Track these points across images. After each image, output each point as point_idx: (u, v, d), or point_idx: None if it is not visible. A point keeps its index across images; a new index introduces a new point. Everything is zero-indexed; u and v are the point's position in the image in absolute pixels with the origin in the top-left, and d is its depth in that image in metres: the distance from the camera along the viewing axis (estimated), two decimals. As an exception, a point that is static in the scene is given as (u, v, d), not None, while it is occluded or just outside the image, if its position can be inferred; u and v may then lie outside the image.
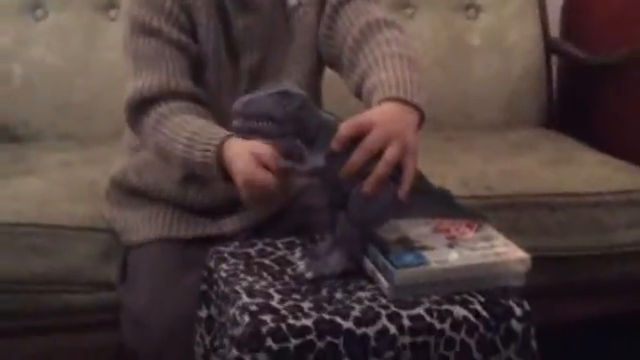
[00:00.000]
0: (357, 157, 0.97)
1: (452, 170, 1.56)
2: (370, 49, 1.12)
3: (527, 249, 1.05)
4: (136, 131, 1.19)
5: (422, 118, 1.05)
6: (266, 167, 1.02)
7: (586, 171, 1.62)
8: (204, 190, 1.24)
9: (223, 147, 1.07)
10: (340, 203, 1.02)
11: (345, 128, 0.98)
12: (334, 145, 0.97)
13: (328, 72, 1.29)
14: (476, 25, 1.95)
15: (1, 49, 1.79)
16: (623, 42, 1.84)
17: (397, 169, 0.99)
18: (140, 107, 1.15)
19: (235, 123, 0.98)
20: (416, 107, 1.04)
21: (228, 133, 1.07)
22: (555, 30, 2.06)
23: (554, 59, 2.02)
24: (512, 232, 1.16)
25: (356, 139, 0.98)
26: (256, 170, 1.01)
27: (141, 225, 1.27)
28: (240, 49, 1.20)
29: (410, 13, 1.92)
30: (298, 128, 0.98)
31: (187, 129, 1.11)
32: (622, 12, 1.88)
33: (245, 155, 1.03)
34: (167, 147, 1.13)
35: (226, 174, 1.07)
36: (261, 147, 1.02)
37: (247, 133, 0.99)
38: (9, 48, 1.79)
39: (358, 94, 1.14)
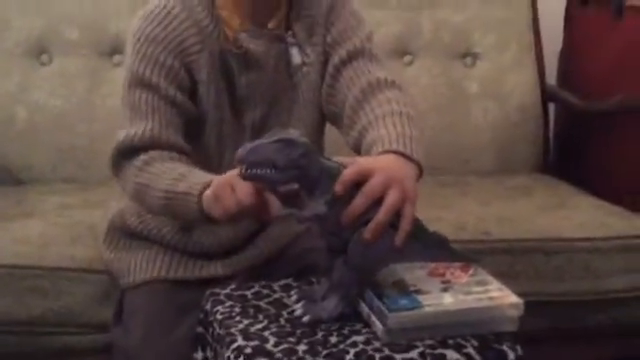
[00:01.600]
0: (359, 202, 0.99)
1: (449, 215, 1.57)
2: (371, 107, 1.14)
3: (522, 294, 1.05)
4: (118, 173, 1.19)
5: (420, 173, 1.07)
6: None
7: (581, 216, 1.63)
8: (205, 235, 1.24)
9: (210, 183, 1.07)
10: (339, 248, 1.03)
11: (348, 173, 0.99)
12: (337, 189, 0.99)
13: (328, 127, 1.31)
14: (473, 72, 1.97)
15: (6, 93, 1.81)
16: (619, 89, 1.86)
17: (396, 215, 1.01)
18: (128, 153, 1.16)
19: (239, 169, 1.00)
20: (415, 162, 1.06)
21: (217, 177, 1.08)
22: (552, 77, 2.08)
23: (551, 105, 2.04)
24: (507, 277, 1.17)
25: (358, 184, 0.99)
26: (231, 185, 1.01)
27: (138, 267, 1.27)
28: (243, 106, 1.22)
29: (408, 60, 1.95)
30: (300, 175, 0.99)
31: (178, 170, 1.12)
32: (618, 60, 1.91)
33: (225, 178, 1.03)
34: (151, 184, 1.13)
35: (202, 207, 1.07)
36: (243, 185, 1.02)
37: (250, 179, 1.00)
38: (14, 92, 1.81)
39: (357, 150, 1.15)
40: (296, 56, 1.23)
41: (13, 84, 1.82)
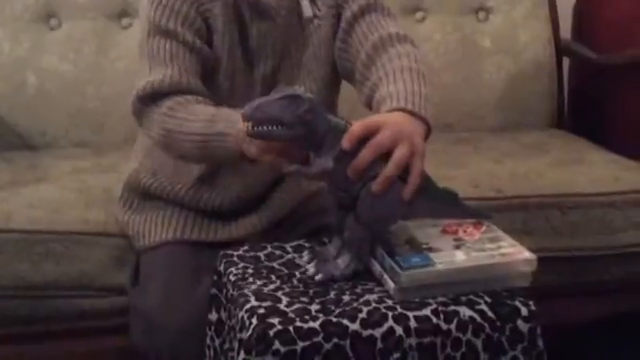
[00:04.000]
0: (366, 153, 0.99)
1: (462, 172, 1.56)
2: (382, 63, 1.14)
3: (536, 250, 1.05)
4: (141, 121, 1.19)
5: (428, 131, 1.07)
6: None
7: (596, 171, 1.62)
8: (217, 191, 1.25)
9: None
10: (348, 205, 1.03)
11: (356, 127, 0.99)
12: (345, 144, 0.99)
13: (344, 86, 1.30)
14: (486, 27, 1.95)
15: (16, 58, 1.81)
16: (634, 42, 1.84)
17: (404, 170, 1.01)
18: (150, 98, 1.16)
19: (245, 127, 1.00)
20: (423, 119, 1.05)
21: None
22: (566, 31, 2.06)
23: (565, 60, 2.02)
24: (522, 233, 1.17)
25: (365, 140, 0.99)
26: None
27: (153, 228, 1.28)
28: (255, 56, 1.22)
29: (420, 17, 1.93)
30: (307, 131, 0.99)
31: (209, 111, 1.13)
32: (633, 13, 1.88)
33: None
34: (181, 128, 1.13)
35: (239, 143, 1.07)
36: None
37: (257, 137, 1.00)
38: (24, 57, 1.81)
39: (369, 105, 1.15)
40: (307, 8, 1.22)
41: (23, 49, 1.81)
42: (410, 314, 0.97)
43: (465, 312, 0.98)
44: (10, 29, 1.82)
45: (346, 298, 1.01)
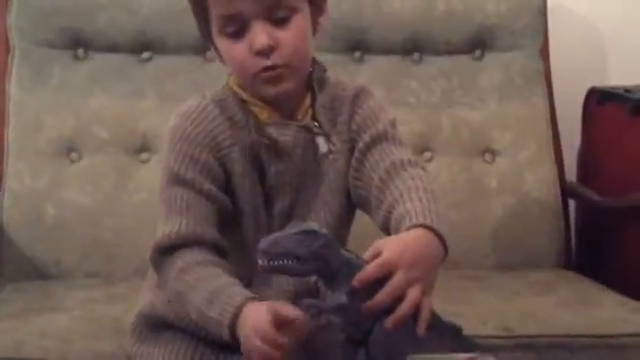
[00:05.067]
0: (382, 299, 1.01)
1: (470, 309, 1.55)
2: (395, 185, 1.17)
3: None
4: (158, 272, 1.22)
5: (446, 249, 1.09)
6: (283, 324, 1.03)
7: (604, 313, 1.61)
8: None
9: (242, 309, 1.08)
10: (358, 340, 1.03)
11: (371, 269, 1.01)
12: (357, 283, 1.01)
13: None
14: (493, 169, 1.99)
15: (36, 191, 1.84)
16: (637, 187, 1.86)
17: None
18: (166, 251, 1.19)
19: (261, 262, 1.01)
20: (440, 238, 1.08)
21: (249, 296, 1.09)
22: (571, 173, 2.09)
23: (571, 201, 2.04)
24: (531, 373, 1.16)
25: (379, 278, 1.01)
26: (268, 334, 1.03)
27: (163, 360, 1.27)
28: (273, 194, 1.25)
29: (428, 157, 1.97)
30: (321, 266, 1.01)
31: (212, 283, 1.13)
32: (636, 159, 1.92)
33: (262, 317, 1.04)
34: (187, 295, 1.15)
35: (235, 336, 1.09)
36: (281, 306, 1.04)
37: (272, 271, 1.02)
38: (43, 189, 1.84)
39: (386, 227, 1.17)
40: (322, 145, 1.26)
41: (43, 183, 1.85)
42: None
43: None
44: (32, 162, 1.86)
45: None
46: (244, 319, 1.07)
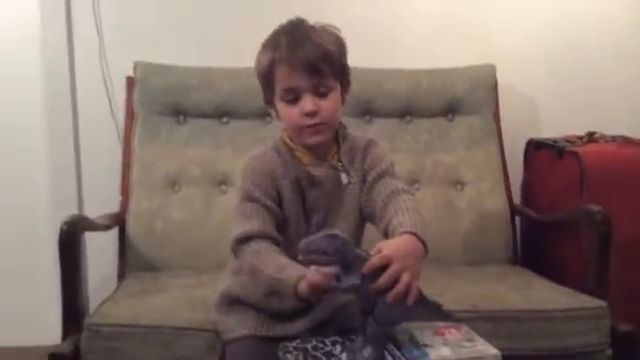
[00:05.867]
0: (383, 281, 1.01)
1: (447, 292, 1.52)
2: (393, 206, 1.17)
3: (501, 349, 1.02)
4: (237, 255, 1.21)
5: (426, 249, 1.09)
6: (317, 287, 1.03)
7: (541, 295, 1.58)
8: (280, 301, 1.23)
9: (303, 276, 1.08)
10: (369, 311, 1.03)
11: (375, 260, 1.02)
12: (366, 270, 1.01)
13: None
14: (462, 195, 1.96)
15: (150, 212, 1.86)
16: (562, 206, 1.84)
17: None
18: (244, 240, 1.19)
19: (300, 257, 1.02)
20: (422, 241, 1.09)
21: (302, 273, 1.09)
22: (517, 199, 2.07)
23: (517, 218, 2.02)
24: (491, 336, 1.12)
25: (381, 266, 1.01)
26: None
27: (235, 326, 1.27)
28: (310, 212, 1.25)
29: (417, 187, 1.96)
30: (341, 258, 1.00)
31: (279, 260, 1.14)
32: (561, 187, 1.90)
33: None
34: (260, 265, 1.15)
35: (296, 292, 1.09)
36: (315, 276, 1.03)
37: (308, 263, 1.02)
38: (155, 211, 1.86)
39: (385, 234, 1.17)
40: (344, 179, 1.26)
41: (154, 206, 1.87)
42: (412, 391, 0.94)
43: (451, 391, 0.95)
44: (147, 192, 1.88)
45: (367, 378, 0.98)
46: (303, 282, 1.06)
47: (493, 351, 1.01)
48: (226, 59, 1.93)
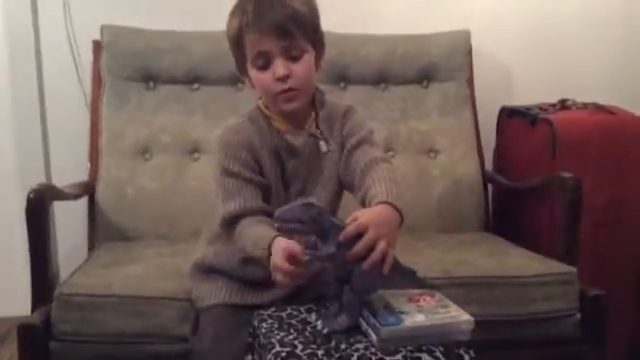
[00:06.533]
0: (359, 248, 1.00)
1: (421, 259, 1.54)
2: (370, 175, 1.16)
3: (473, 314, 1.03)
4: (228, 235, 1.21)
5: (402, 218, 1.08)
6: (292, 259, 1.02)
7: (513, 261, 1.60)
8: (254, 269, 1.23)
9: (272, 244, 1.08)
10: (344, 279, 1.02)
11: (351, 228, 1.01)
12: (342, 238, 1.00)
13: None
14: (435, 162, 1.97)
15: (120, 179, 1.82)
16: (534, 174, 1.85)
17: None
18: (231, 222, 1.18)
19: (276, 225, 1.01)
20: (397, 210, 1.08)
21: (275, 234, 1.08)
22: (489, 166, 2.08)
23: (489, 185, 2.03)
24: (463, 302, 1.14)
25: (357, 234, 1.00)
26: (283, 265, 1.03)
27: (209, 294, 1.26)
28: (290, 181, 1.24)
29: (392, 154, 1.95)
30: (317, 227, 1.00)
31: (255, 233, 1.13)
32: (533, 154, 1.91)
33: (279, 253, 1.04)
34: (244, 245, 1.16)
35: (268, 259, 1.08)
36: (291, 246, 1.03)
37: (284, 232, 1.01)
38: (125, 178, 1.82)
39: (362, 202, 1.16)
40: (323, 146, 1.24)
41: (125, 174, 1.83)
42: (387, 358, 0.95)
43: (426, 357, 0.96)
44: (117, 159, 1.84)
45: (343, 346, 0.99)
46: (274, 247, 1.06)
47: (466, 317, 1.03)
48: (197, 23, 1.88)
